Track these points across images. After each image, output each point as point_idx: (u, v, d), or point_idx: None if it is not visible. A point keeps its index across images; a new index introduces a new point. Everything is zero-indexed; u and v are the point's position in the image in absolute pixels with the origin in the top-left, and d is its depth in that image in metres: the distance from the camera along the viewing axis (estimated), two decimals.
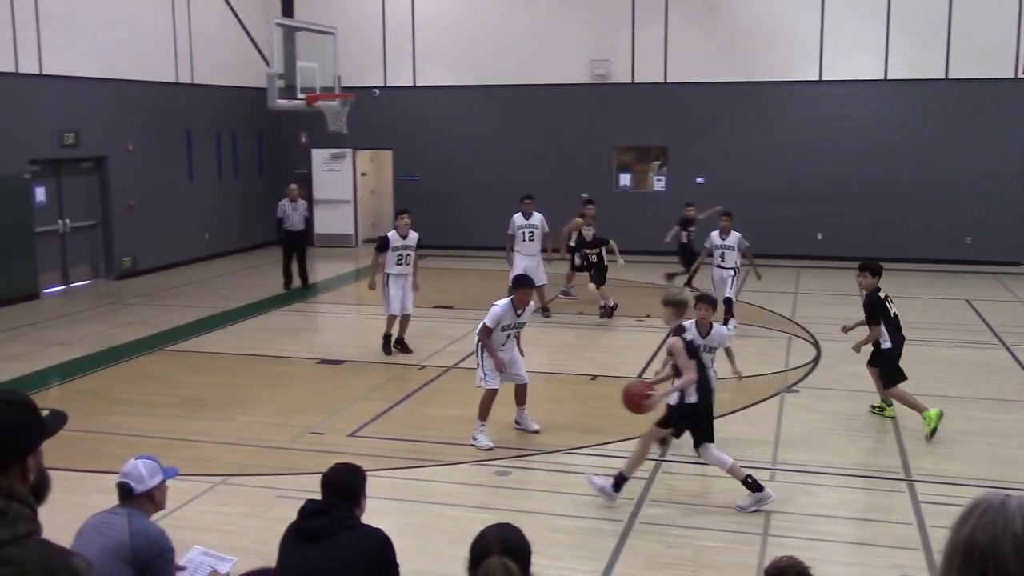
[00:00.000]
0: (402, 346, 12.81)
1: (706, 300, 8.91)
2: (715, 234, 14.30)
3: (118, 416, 10.17)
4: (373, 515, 4.83)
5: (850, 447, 9.40)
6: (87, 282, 18.50)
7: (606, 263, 15.02)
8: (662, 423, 7.93)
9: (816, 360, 12.35)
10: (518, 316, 9.29)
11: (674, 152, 21.90)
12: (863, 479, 8.41)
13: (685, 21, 21.31)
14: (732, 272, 13.89)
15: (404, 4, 22.79)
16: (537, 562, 3.39)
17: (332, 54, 18.64)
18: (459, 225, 22.13)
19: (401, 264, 12.69)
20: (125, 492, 4.84)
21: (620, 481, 7.76)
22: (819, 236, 20.80)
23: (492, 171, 22.09)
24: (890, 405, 10.01)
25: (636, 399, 7.77)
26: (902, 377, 9.69)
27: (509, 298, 9.31)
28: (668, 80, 21.58)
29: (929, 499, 7.83)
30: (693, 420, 7.77)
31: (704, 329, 8.74)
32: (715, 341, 8.74)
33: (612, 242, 15.11)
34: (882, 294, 9.78)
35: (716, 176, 21.31)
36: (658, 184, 22.16)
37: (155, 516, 4.92)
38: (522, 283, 9.50)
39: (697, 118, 21.42)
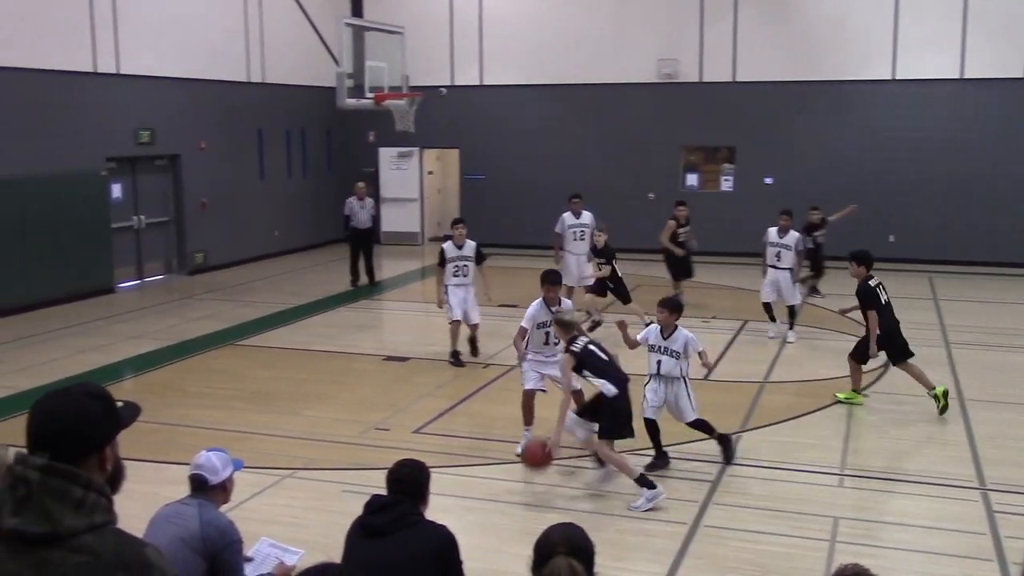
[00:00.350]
0: (472, 347, 12.54)
1: (665, 304, 8.68)
2: (773, 231, 13.82)
3: (189, 409, 10.38)
4: (437, 512, 4.86)
5: (921, 454, 9.20)
6: (160, 277, 18.91)
7: (619, 274, 13.81)
8: (603, 434, 7.89)
9: (887, 364, 12.09)
10: (553, 314, 9.10)
11: (742, 152, 21.66)
12: (935, 487, 8.22)
13: (754, 19, 21.07)
14: (789, 273, 13.56)
15: (471, 3, 22.88)
16: (600, 563, 3.38)
17: (400, 53, 18.80)
18: (524, 224, 22.14)
19: (458, 276, 12.26)
20: (200, 484, 4.93)
21: (643, 481, 7.72)
22: (891, 238, 20.37)
23: (558, 170, 22.06)
24: (937, 392, 10.08)
25: (537, 456, 7.74)
26: (867, 360, 10.37)
27: (541, 297, 9.23)
28: (737, 79, 21.35)
29: (1004, 509, 7.64)
30: (615, 413, 7.80)
31: (667, 331, 8.57)
32: (677, 343, 8.49)
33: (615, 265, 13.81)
34: (874, 282, 10.25)
35: (785, 177, 21.03)
36: (726, 184, 21.94)
37: (223, 507, 5.01)
38: (545, 278, 9.33)
39: (766, 117, 21.16)
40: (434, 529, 4.54)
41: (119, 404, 2.59)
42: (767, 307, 13.73)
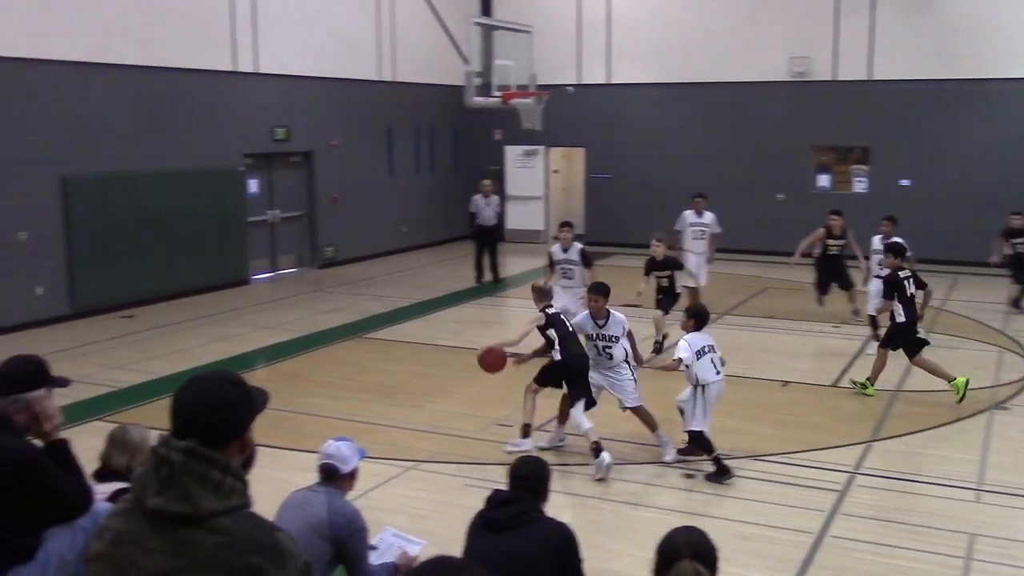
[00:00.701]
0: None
1: (684, 310, 8.85)
2: (877, 238, 13.31)
3: (318, 399, 10.66)
4: (554, 509, 4.87)
5: None
6: (293, 270, 19.49)
7: (678, 290, 12.79)
8: (537, 379, 8.90)
9: None
10: (600, 327, 8.71)
11: (877, 153, 20.95)
12: None
13: (892, 15, 20.34)
14: None
15: (599, 2, 22.80)
16: (722, 568, 3.33)
17: (528, 52, 18.87)
18: (650, 223, 21.79)
19: (566, 278, 12.34)
20: (331, 473, 5.06)
21: (526, 432, 8.84)
22: None
23: (684, 170, 21.76)
24: (872, 383, 10.68)
25: (486, 356, 8.88)
26: (922, 344, 10.65)
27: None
28: (873, 77, 20.67)
29: None
30: (557, 375, 8.73)
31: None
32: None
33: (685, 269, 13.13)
34: (903, 274, 10.60)
35: (922, 178, 20.27)
36: (859, 186, 21.26)
37: (348, 495, 5.13)
38: (590, 289, 9.04)
39: (903, 117, 20.42)
40: (555, 526, 4.56)
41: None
42: (873, 320, 13.02)
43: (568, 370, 8.66)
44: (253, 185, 18.37)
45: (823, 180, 21.57)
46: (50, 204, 14.29)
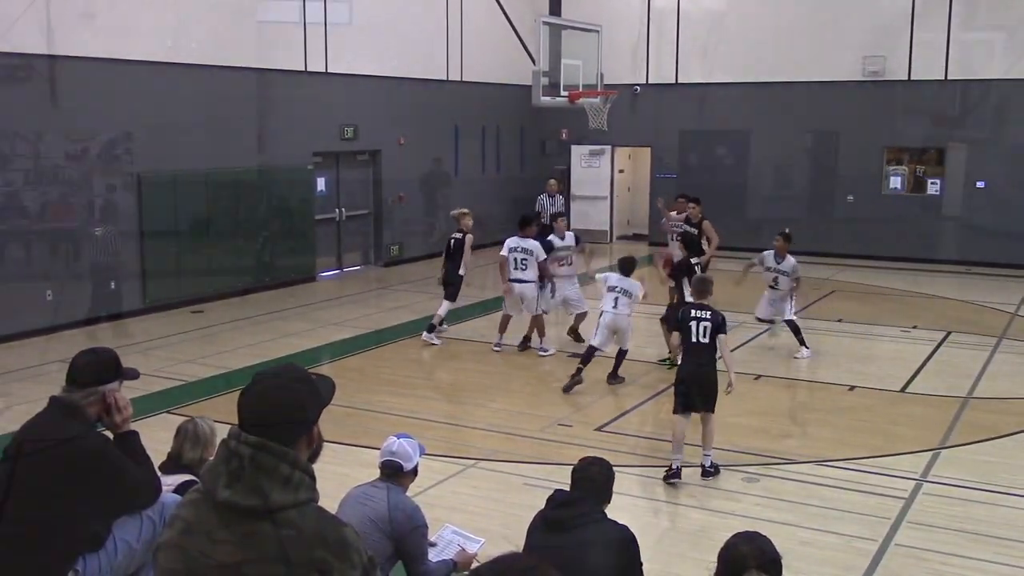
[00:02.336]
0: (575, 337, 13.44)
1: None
2: (769, 254, 13.03)
3: (381, 395, 10.77)
4: (616, 510, 4.86)
5: None
6: (358, 268, 19.71)
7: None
8: None
9: None
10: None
11: (953, 154, 20.46)
12: None
13: (972, 13, 19.84)
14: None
15: (669, 0, 22.65)
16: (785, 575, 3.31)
17: (596, 51, 18.80)
18: (716, 223, 21.72)
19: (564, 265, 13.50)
20: (395, 470, 5.11)
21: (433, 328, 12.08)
22: None
23: (753, 170, 21.52)
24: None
25: None
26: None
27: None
28: (949, 78, 20.19)
29: None
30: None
31: None
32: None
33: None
34: (694, 260, 12.26)
35: (1000, 181, 19.76)
36: (932, 188, 20.80)
37: (408, 492, 5.19)
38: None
39: (981, 118, 19.92)
40: (615, 528, 4.55)
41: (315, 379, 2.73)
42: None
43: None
44: (321, 183, 18.61)
45: (895, 182, 21.15)
46: (125, 201, 14.63)
